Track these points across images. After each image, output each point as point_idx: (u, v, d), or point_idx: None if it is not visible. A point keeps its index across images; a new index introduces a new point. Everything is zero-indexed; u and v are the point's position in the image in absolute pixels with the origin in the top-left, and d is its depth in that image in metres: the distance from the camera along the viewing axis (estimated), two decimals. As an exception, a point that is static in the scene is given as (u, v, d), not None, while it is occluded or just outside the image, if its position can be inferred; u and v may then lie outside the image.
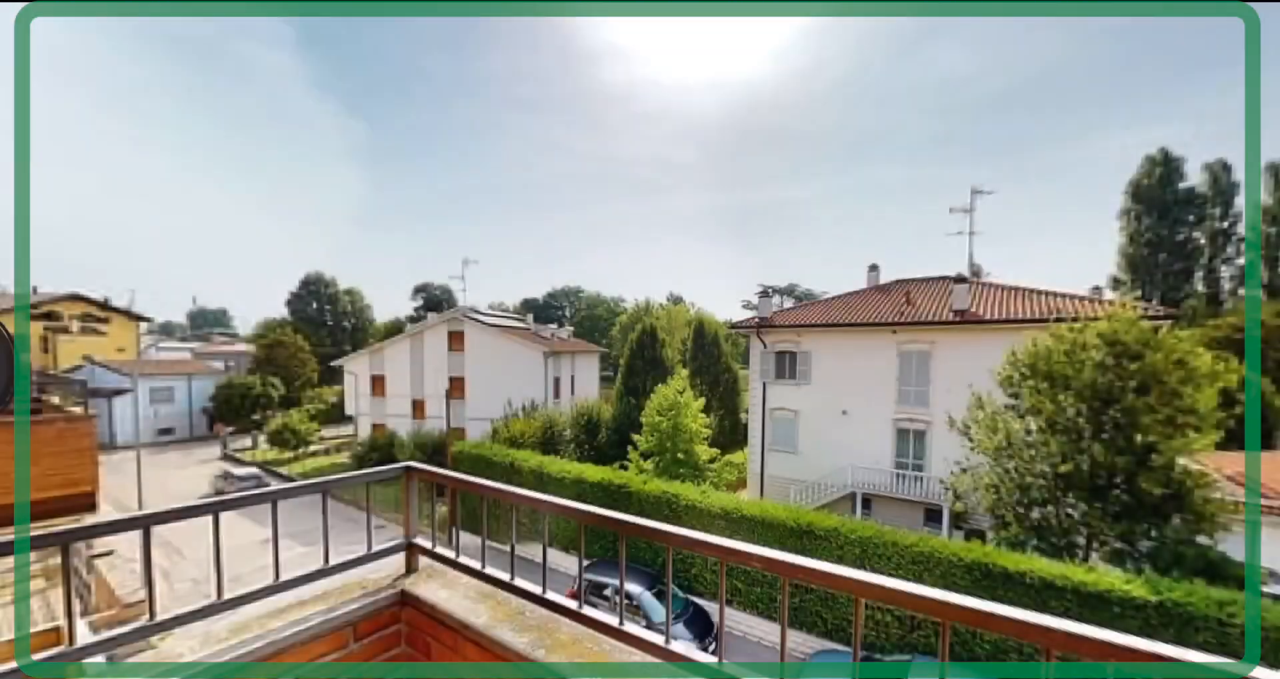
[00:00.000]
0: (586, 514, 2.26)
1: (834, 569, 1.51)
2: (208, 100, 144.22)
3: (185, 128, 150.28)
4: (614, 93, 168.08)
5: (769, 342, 23.41)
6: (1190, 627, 8.70)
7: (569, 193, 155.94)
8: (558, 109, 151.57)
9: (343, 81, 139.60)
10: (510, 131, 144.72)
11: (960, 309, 19.71)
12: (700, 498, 14.20)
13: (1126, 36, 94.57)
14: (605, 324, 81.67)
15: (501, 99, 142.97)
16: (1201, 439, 11.18)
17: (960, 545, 11.09)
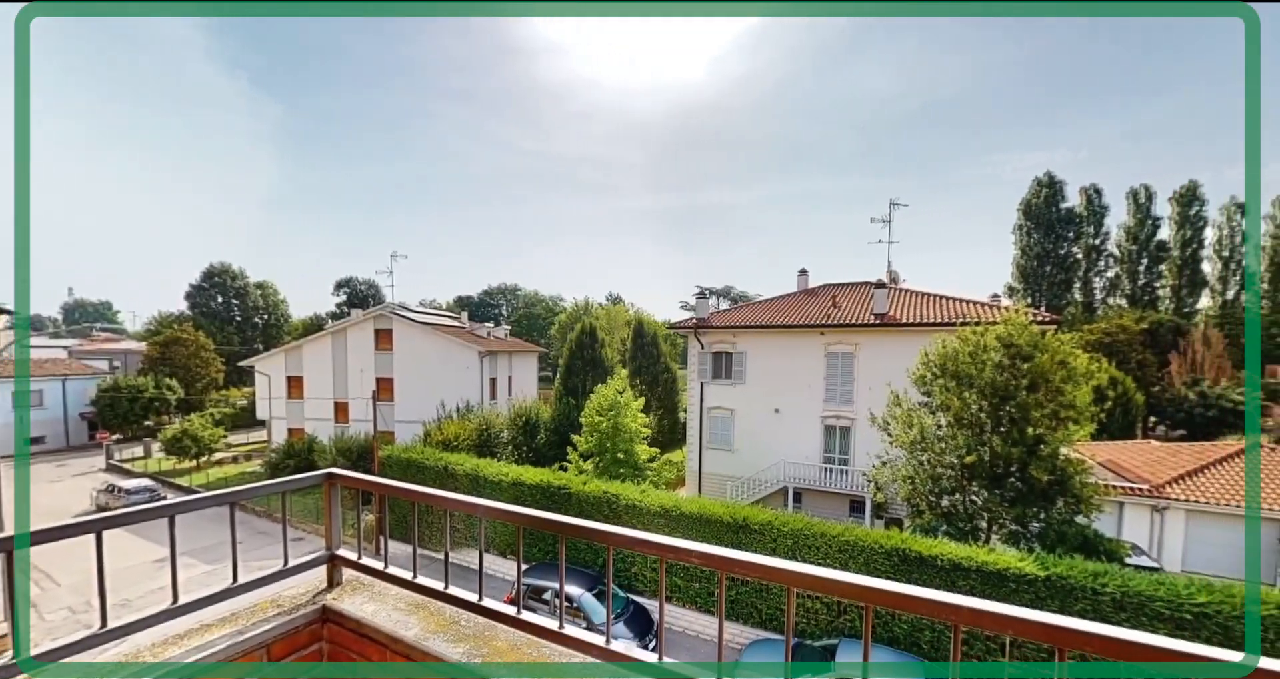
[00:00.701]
0: (525, 517, 2.21)
1: (768, 561, 1.55)
2: (87, 63, 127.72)
3: (63, 93, 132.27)
4: (552, 90, 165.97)
5: (706, 342, 23.96)
6: (1071, 597, 9.79)
7: (506, 188, 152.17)
8: (493, 103, 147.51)
9: (254, 56, 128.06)
10: (442, 122, 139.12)
11: (881, 313, 21.11)
12: (640, 497, 14.28)
13: (1021, 68, 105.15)
14: (544, 323, 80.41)
15: (432, 87, 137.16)
16: (1079, 431, 12.62)
17: (881, 533, 11.87)
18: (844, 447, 21.28)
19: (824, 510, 20.19)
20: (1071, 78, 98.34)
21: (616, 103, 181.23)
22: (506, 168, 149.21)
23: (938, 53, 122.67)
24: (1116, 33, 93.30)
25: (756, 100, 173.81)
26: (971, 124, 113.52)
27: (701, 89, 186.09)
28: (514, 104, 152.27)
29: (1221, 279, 47.27)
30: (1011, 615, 1.28)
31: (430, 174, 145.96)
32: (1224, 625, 8.88)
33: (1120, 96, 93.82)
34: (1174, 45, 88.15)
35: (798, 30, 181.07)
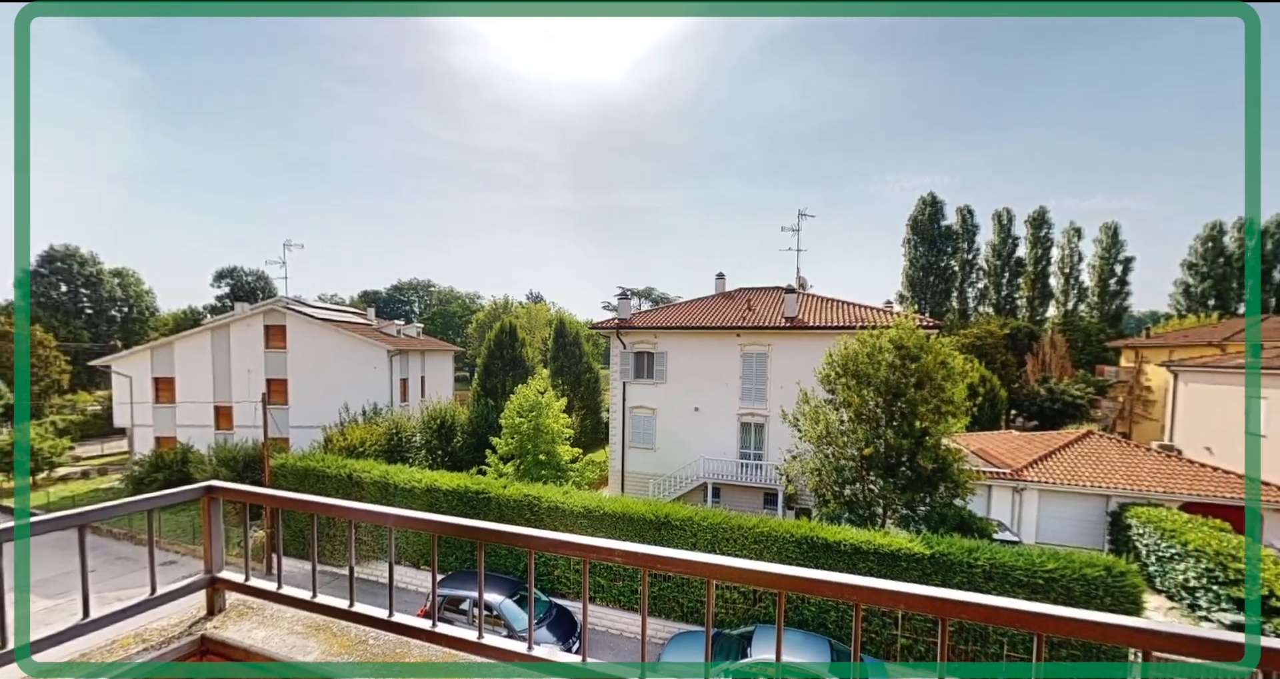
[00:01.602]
0: (439, 525, 2.10)
1: (689, 556, 1.58)
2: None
3: None
4: (466, 78, 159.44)
5: (629, 342, 24.15)
6: (951, 571, 10.99)
7: (417, 179, 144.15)
8: (401, 86, 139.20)
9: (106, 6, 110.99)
10: (340, 102, 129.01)
11: (791, 316, 22.44)
12: (563, 499, 14.08)
13: (907, 98, 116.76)
14: (460, 321, 76.98)
15: (328, 63, 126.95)
16: (956, 423, 14.16)
17: (792, 523, 12.59)
18: (758, 442, 22.37)
19: (741, 504, 21.09)
20: (947, 111, 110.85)
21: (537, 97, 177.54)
22: (417, 156, 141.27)
23: (838, 78, 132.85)
24: (984, 73, 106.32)
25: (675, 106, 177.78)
26: (866, 145, 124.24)
27: (621, 90, 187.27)
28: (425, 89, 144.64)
29: (1064, 292, 55.39)
30: (902, 591, 1.41)
31: (326, 157, 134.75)
32: (1066, 587, 10.38)
33: (985, 131, 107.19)
34: (1027, 87, 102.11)
35: (716, 41, 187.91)
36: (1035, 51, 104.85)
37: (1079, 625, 1.33)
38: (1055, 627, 1.35)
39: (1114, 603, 10.08)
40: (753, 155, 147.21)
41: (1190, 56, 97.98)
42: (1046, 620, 1.36)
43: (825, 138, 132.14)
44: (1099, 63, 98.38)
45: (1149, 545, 15.67)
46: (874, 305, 23.94)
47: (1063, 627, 1.35)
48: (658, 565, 1.67)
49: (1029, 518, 18.49)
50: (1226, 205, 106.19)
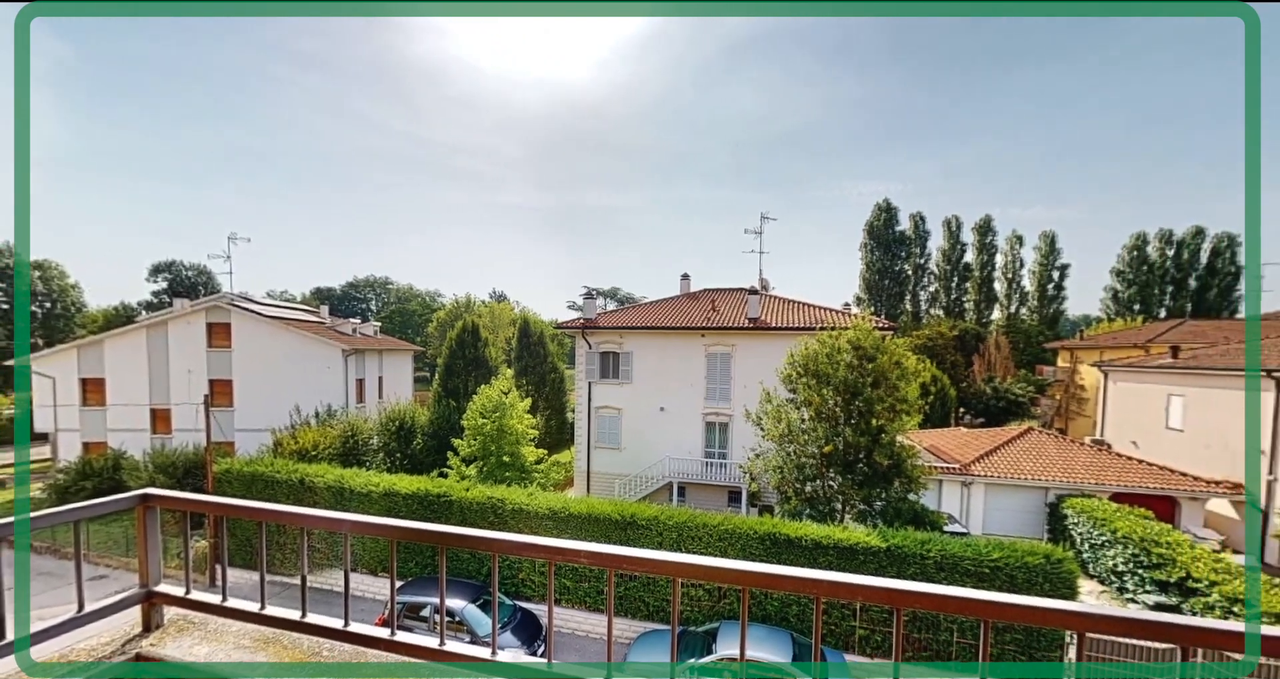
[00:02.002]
0: (398, 530, 2.04)
1: (655, 555, 1.59)
2: None
3: None
4: (427, 71, 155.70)
5: (594, 342, 24.06)
6: (905, 563, 11.43)
7: (373, 171, 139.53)
8: (355, 74, 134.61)
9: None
10: (289, 88, 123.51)
11: (754, 317, 22.87)
12: (527, 500, 13.90)
13: (862, 108, 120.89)
14: (420, 320, 74.93)
15: (279, 47, 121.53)
16: (910, 421, 14.76)
17: (755, 520, 12.83)
18: (723, 441, 22.69)
19: (705, 502, 21.33)
20: (900, 121, 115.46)
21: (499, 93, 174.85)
22: (372, 148, 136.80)
23: (798, 85, 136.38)
24: (934, 86, 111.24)
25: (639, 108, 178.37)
26: (825, 151, 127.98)
27: (586, 90, 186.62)
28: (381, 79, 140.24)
29: (1007, 296, 58.53)
30: (860, 584, 1.46)
31: (274, 146, 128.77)
32: (1010, 575, 10.98)
33: (936, 142, 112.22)
34: (974, 101, 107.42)
35: (680, 44, 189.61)
36: (981, 67, 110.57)
37: (1021, 611, 1.40)
38: (1000, 613, 1.42)
39: (1052, 589, 10.72)
40: (716, 158, 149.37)
41: (1123, 75, 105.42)
42: (992, 607, 1.43)
43: (786, 143, 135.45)
44: (1039, 80, 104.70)
45: (1083, 533, 16.74)
46: (833, 307, 24.66)
47: (1006, 612, 1.42)
48: (624, 565, 1.66)
49: (976, 510, 19.45)
50: (1150, 217, 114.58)
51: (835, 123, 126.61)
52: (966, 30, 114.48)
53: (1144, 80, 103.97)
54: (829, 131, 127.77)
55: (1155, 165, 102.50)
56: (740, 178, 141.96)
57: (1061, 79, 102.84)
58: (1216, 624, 1.31)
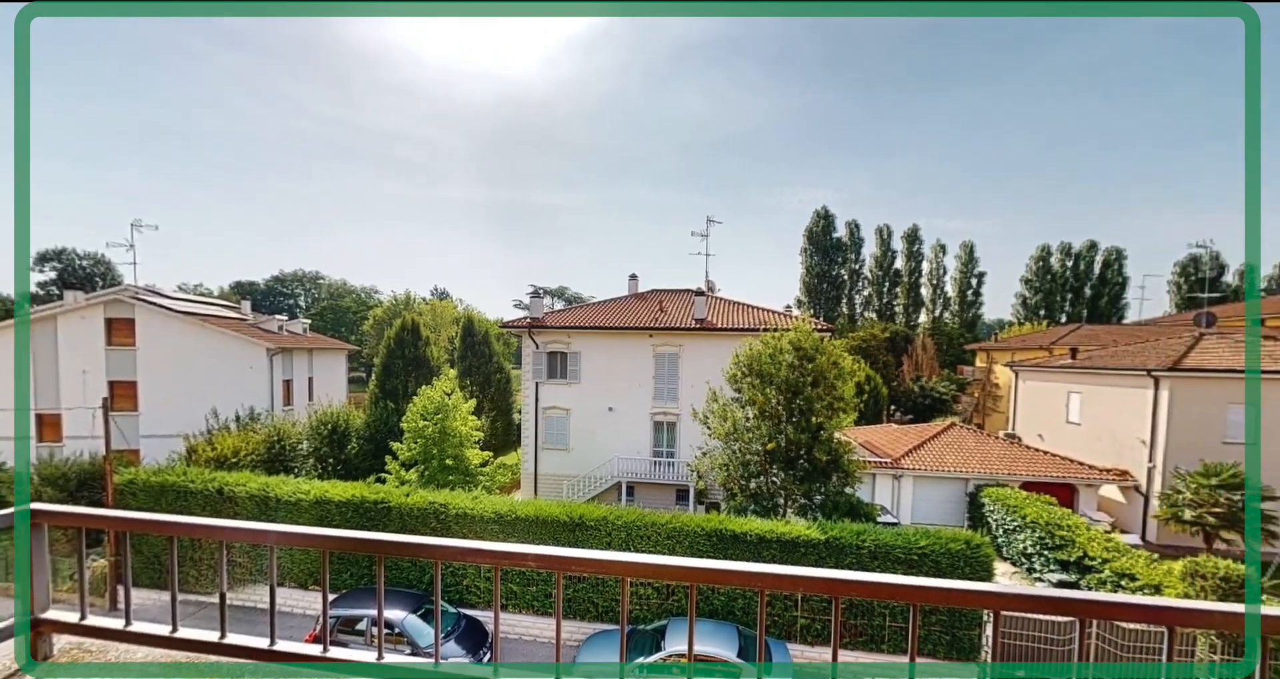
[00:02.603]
0: (330, 539, 1.95)
1: (603, 556, 1.60)
2: None
3: None
4: (363, 54, 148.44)
5: (541, 342, 23.75)
6: (843, 553, 12.05)
7: (302, 158, 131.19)
8: (282, 53, 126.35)
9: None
10: (209, 64, 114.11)
11: (701, 318, 23.35)
12: (472, 504, 13.53)
13: (802, 118, 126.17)
14: (355, 318, 71.13)
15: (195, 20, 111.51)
16: (847, 419, 15.57)
17: (702, 518, 13.12)
18: (670, 441, 23.00)
19: (654, 501, 21.55)
20: (837, 133, 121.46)
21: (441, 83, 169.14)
22: (300, 132, 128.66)
23: (743, 93, 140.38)
24: (867, 102, 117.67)
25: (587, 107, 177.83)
26: (768, 157, 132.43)
27: (532, 86, 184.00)
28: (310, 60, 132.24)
29: (932, 300, 62.81)
30: (801, 575, 1.53)
31: (188, 126, 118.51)
32: (935, 561, 11.82)
33: (869, 154, 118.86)
34: (902, 118, 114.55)
35: (627, 45, 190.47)
36: (909, 88, 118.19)
37: (945, 593, 1.54)
38: (927, 596, 1.55)
39: (972, 572, 11.65)
40: (664, 161, 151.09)
41: (1031, 103, 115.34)
42: (920, 591, 1.55)
43: (732, 148, 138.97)
44: (959, 103, 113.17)
45: (998, 520, 18.26)
46: (776, 309, 25.56)
47: (932, 596, 1.55)
48: (572, 567, 1.63)
49: (906, 501, 20.78)
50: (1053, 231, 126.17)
51: (777, 130, 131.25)
52: (897, 51, 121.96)
53: (1048, 108, 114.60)
54: (772, 138, 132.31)
55: (1057, 185, 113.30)
56: (687, 180, 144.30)
57: (979, 103, 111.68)
58: (1109, 597, 1.50)
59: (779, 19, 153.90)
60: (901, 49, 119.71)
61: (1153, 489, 19.52)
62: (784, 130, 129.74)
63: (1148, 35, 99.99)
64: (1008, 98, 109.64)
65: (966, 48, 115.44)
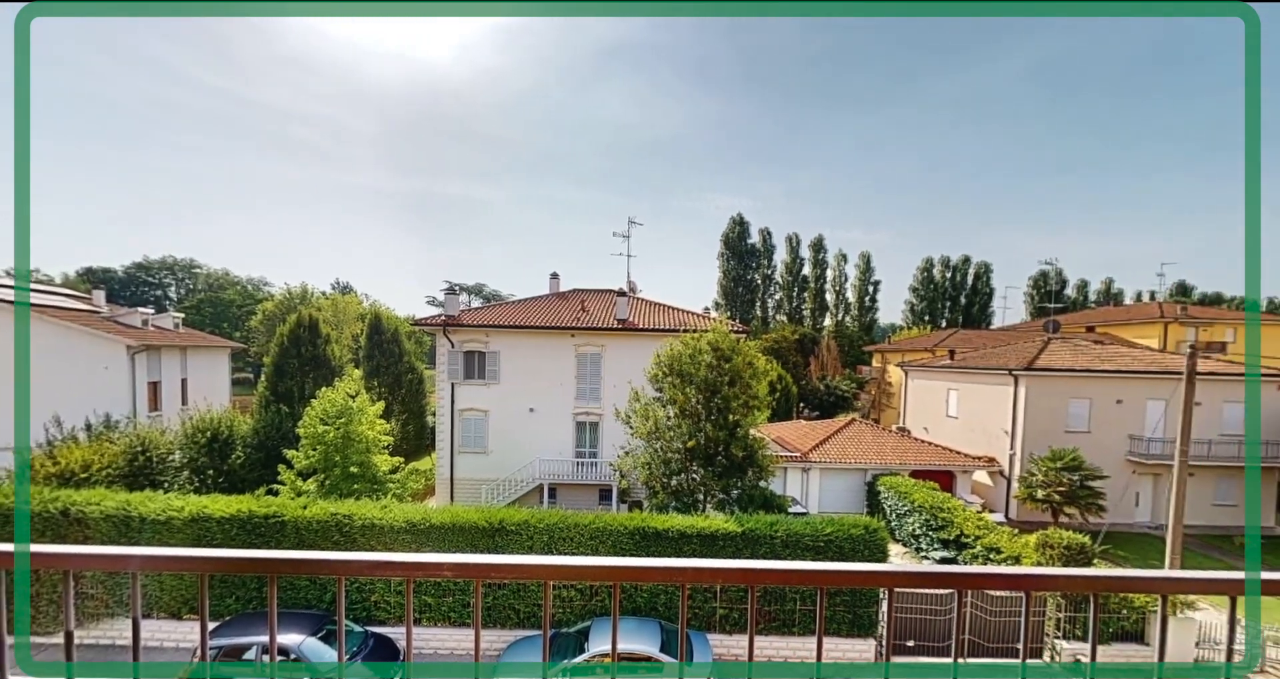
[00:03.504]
0: (210, 561, 1.73)
1: (524, 560, 1.56)
2: None
3: None
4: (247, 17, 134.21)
5: (457, 340, 22.76)
6: (758, 544, 12.67)
7: (174, 130, 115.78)
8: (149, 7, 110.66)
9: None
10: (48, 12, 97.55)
11: (623, 318, 23.54)
12: (381, 514, 12.63)
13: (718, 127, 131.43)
14: (240, 312, 63.97)
15: None
16: (761, 416, 16.40)
17: (625, 517, 13.22)
18: (593, 441, 22.95)
19: (578, 502, 21.38)
20: (751, 143, 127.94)
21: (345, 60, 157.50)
22: (172, 102, 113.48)
23: (664, 99, 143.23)
24: (778, 117, 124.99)
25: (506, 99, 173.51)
26: (687, 163, 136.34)
27: (448, 73, 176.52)
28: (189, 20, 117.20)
29: (836, 305, 67.94)
30: (719, 567, 1.54)
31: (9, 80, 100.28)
32: (839, 546, 12.76)
33: (780, 166, 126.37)
34: (809, 134, 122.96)
35: (550, 41, 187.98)
36: (815, 105, 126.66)
37: (848, 576, 1.66)
38: (832, 579, 1.66)
39: (870, 554, 12.73)
40: (586, 160, 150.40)
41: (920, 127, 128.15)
42: (827, 575, 1.66)
43: (654, 152, 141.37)
44: (860, 123, 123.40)
45: (891, 506, 20.10)
46: (695, 311, 26.38)
47: (837, 579, 1.66)
48: (492, 574, 1.56)
49: (814, 492, 22.28)
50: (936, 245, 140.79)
51: (698, 138, 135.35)
52: (806, 72, 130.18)
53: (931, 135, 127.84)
54: (693, 145, 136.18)
55: (939, 203, 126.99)
56: (610, 181, 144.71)
57: (875, 126, 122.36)
58: (980, 569, 1.70)
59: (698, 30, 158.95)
60: (810, 70, 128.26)
61: (1013, 473, 22.46)
62: (704, 138, 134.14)
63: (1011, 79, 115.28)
64: (899, 123, 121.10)
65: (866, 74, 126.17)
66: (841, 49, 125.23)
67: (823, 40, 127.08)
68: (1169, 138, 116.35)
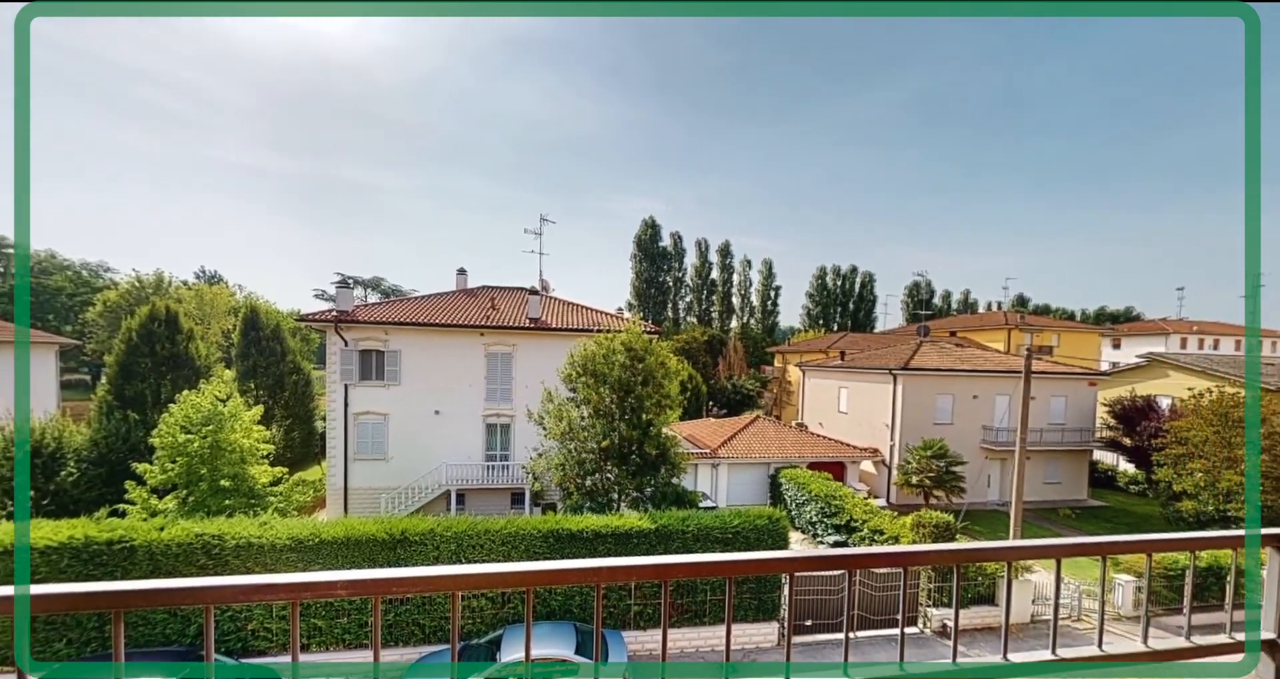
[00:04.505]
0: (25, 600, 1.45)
1: (429, 571, 1.48)
2: None
3: None
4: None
5: (352, 338, 20.97)
6: (671, 540, 12.98)
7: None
8: None
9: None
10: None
11: (535, 317, 23.06)
12: (260, 532, 11.26)
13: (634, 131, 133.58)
14: (73, 302, 54.09)
15: None
16: (673, 415, 16.83)
17: (539, 519, 12.92)
18: (504, 443, 22.20)
19: (488, 507, 20.54)
20: (664, 148, 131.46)
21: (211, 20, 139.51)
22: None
23: (578, 98, 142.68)
24: (690, 125, 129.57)
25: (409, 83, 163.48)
26: (602, 164, 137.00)
27: (343, 47, 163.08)
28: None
29: (741, 308, 71.65)
30: (634, 564, 1.58)
31: None
32: (746, 537, 13.44)
33: (691, 172, 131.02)
34: (717, 144, 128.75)
35: (454, 25, 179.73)
36: (722, 117, 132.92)
37: (754, 564, 1.75)
38: (739, 569, 1.74)
39: (773, 542, 13.54)
40: (497, 154, 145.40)
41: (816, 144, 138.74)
42: (734, 565, 1.74)
43: (568, 150, 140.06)
44: (764, 135, 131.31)
45: (791, 496, 21.55)
46: (609, 311, 26.49)
47: (743, 567, 1.75)
48: (392, 589, 1.44)
49: (723, 486, 23.27)
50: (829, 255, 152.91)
51: (613, 140, 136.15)
52: (714, 82, 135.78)
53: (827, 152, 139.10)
54: (607, 147, 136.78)
55: (832, 216, 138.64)
56: (521, 177, 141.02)
57: (776, 140, 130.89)
58: (867, 550, 1.88)
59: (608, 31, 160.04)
60: (718, 82, 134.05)
61: (893, 462, 25.03)
62: (618, 140, 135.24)
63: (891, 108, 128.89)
64: (797, 139, 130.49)
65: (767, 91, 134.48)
66: (745, 65, 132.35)
67: (729, 56, 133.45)
68: (1015, 171, 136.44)
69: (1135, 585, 14.76)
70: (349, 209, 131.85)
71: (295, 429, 28.92)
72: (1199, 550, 2.42)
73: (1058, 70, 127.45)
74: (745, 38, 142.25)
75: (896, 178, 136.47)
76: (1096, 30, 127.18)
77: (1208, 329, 53.29)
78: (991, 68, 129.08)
